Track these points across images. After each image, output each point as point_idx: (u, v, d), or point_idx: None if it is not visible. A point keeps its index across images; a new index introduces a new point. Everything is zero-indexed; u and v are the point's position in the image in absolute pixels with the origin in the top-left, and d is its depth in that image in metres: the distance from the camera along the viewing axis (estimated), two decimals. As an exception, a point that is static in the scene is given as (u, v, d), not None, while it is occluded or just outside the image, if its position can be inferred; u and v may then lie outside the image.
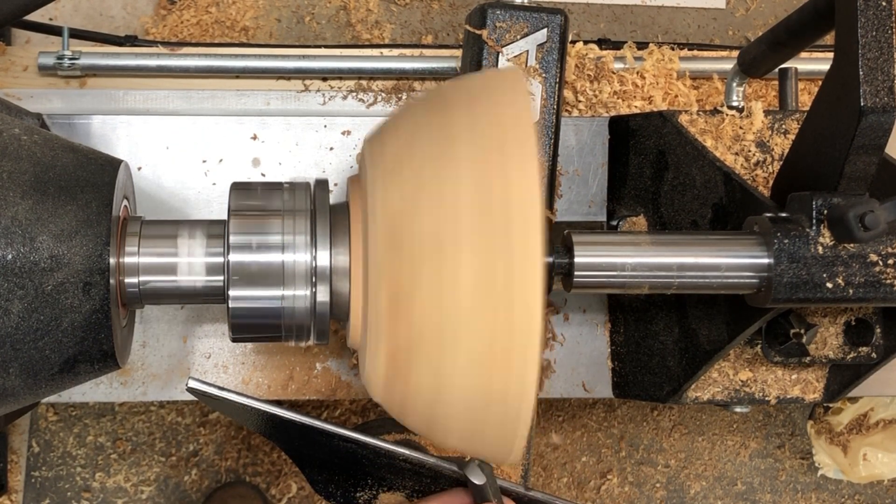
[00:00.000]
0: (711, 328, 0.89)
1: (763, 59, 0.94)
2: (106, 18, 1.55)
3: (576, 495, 1.63)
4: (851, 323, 0.90)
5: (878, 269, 0.76)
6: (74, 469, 1.55)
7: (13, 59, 1.11)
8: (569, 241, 0.80)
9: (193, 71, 1.12)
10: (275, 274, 0.72)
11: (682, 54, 1.18)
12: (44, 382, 0.72)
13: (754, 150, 0.92)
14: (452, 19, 1.64)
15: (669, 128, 0.94)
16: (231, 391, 0.72)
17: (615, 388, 1.05)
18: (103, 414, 1.56)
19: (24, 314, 0.68)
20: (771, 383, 0.96)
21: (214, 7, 1.56)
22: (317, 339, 0.76)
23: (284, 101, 1.12)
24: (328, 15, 1.61)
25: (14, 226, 0.68)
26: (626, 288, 0.81)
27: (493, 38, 0.92)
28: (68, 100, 1.10)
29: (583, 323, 1.05)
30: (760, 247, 0.77)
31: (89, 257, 0.71)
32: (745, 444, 1.69)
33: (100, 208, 0.72)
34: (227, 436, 1.58)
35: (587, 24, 1.66)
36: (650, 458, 1.67)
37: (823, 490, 1.70)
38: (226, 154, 0.99)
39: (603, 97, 1.12)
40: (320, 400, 1.52)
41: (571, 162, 1.01)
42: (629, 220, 0.99)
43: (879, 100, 0.73)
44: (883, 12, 0.73)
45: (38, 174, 0.70)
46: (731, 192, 0.86)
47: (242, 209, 0.75)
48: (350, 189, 0.75)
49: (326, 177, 0.95)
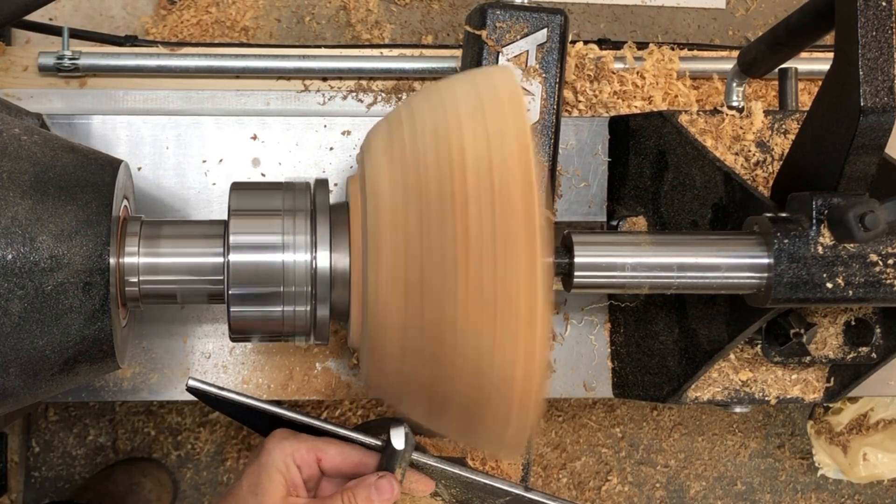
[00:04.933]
0: (711, 328, 0.89)
1: (763, 59, 0.94)
2: (106, 18, 1.55)
3: (576, 495, 1.63)
4: (851, 323, 0.90)
5: (878, 269, 0.76)
6: (74, 469, 1.55)
7: (13, 59, 1.11)
8: (569, 241, 0.80)
9: (193, 71, 1.12)
10: (275, 274, 0.72)
11: (682, 54, 1.18)
12: (44, 382, 0.72)
13: (754, 150, 0.92)
14: (452, 19, 1.64)
15: (669, 128, 0.94)
16: (231, 391, 0.72)
17: (615, 388, 1.05)
18: (103, 414, 1.56)
19: (24, 314, 0.68)
20: (771, 383, 0.96)
21: (214, 7, 1.56)
22: (316, 339, 0.76)
23: (284, 101, 1.12)
24: (328, 15, 1.61)
25: (14, 226, 0.68)
26: (626, 288, 0.81)
27: (493, 38, 0.92)
28: (68, 100, 1.10)
29: (583, 323, 1.05)
30: (760, 247, 0.77)
31: (89, 257, 0.70)
32: (745, 444, 1.69)
33: (100, 208, 0.72)
34: (227, 436, 1.58)
35: (587, 24, 1.66)
36: (650, 458, 1.67)
37: (823, 490, 1.70)
38: (226, 154, 0.99)
39: (603, 97, 1.12)
40: (320, 400, 1.51)
41: (571, 162, 1.01)
42: (629, 220, 0.99)
43: (879, 100, 0.73)
44: (883, 12, 0.73)
45: (38, 174, 0.70)
46: (731, 192, 0.86)
47: (242, 209, 0.75)
48: (350, 189, 0.75)
49: (326, 177, 0.95)
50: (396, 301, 0.67)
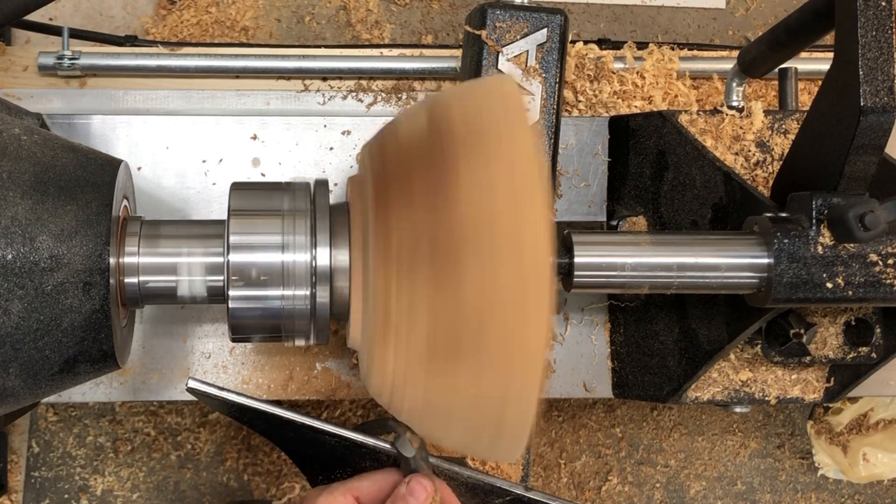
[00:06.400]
0: (711, 328, 0.89)
1: (763, 59, 0.94)
2: (106, 18, 1.55)
3: (576, 495, 1.63)
4: (851, 323, 0.90)
5: (878, 269, 0.76)
6: (74, 469, 1.55)
7: (13, 59, 1.11)
8: (569, 241, 0.80)
9: (193, 71, 1.12)
10: (275, 274, 0.72)
11: (682, 54, 1.18)
12: (44, 382, 0.72)
13: (754, 150, 0.92)
14: (452, 19, 1.64)
15: (669, 128, 0.94)
16: (231, 391, 0.72)
17: (615, 388, 1.05)
18: (103, 414, 1.56)
19: (24, 314, 0.68)
20: (771, 383, 0.96)
21: (214, 7, 1.56)
22: (317, 339, 0.76)
23: (284, 101, 1.12)
24: (328, 15, 1.61)
25: (14, 226, 0.68)
26: (626, 288, 0.81)
27: (493, 38, 0.92)
28: (68, 100, 1.10)
29: (583, 323, 1.05)
30: (760, 247, 0.77)
31: (89, 257, 0.70)
32: (745, 444, 1.69)
33: (100, 208, 0.72)
34: (227, 436, 1.58)
35: (587, 24, 1.66)
36: (650, 458, 1.67)
37: (823, 490, 1.70)
38: (226, 154, 0.99)
39: (603, 97, 1.12)
40: (320, 400, 1.51)
41: (571, 162, 1.01)
42: (629, 220, 0.99)
43: (879, 100, 0.73)
44: (883, 12, 0.73)
45: (38, 174, 0.70)
46: (731, 192, 0.86)
47: (242, 209, 0.75)
48: (350, 189, 0.75)
49: (326, 177, 0.95)
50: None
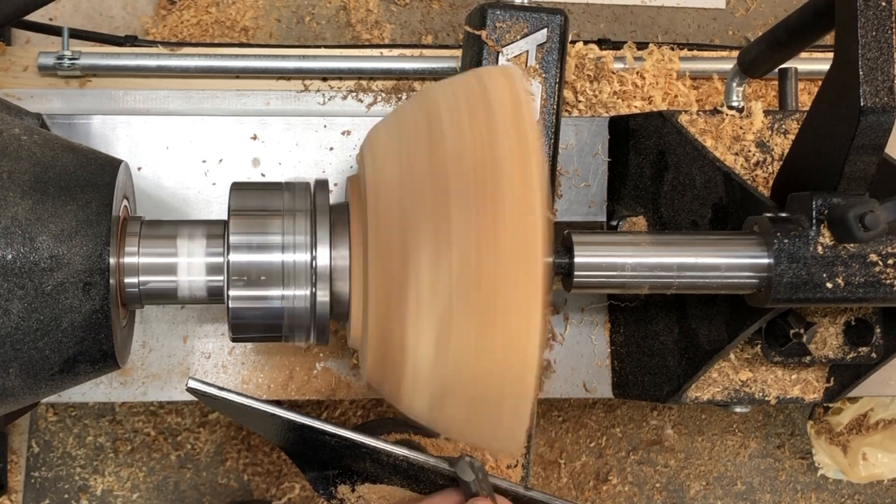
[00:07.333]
0: (711, 328, 0.89)
1: (763, 59, 0.94)
2: (106, 18, 1.55)
3: (576, 495, 1.63)
4: (851, 323, 0.90)
5: (878, 269, 0.76)
6: (74, 469, 1.55)
7: (13, 59, 1.11)
8: (569, 241, 0.80)
9: (193, 71, 1.12)
10: (275, 274, 0.72)
11: (682, 54, 1.18)
12: (44, 382, 0.72)
13: (754, 150, 0.92)
14: (452, 19, 1.64)
15: (669, 128, 0.94)
16: (231, 391, 0.72)
17: (615, 388, 1.05)
18: (103, 414, 1.56)
19: (24, 314, 0.68)
20: (771, 383, 0.96)
21: (214, 7, 1.56)
22: (317, 339, 0.76)
23: (284, 101, 1.12)
24: (328, 15, 1.61)
25: (14, 226, 0.68)
26: (626, 288, 0.81)
27: (493, 38, 0.92)
28: (68, 100, 1.10)
29: (583, 323, 1.05)
30: (760, 247, 0.77)
31: (89, 257, 0.70)
32: (745, 444, 1.69)
33: (100, 208, 0.72)
34: (227, 436, 1.58)
35: (587, 24, 1.66)
36: (650, 458, 1.67)
37: (823, 490, 1.70)
38: (226, 154, 0.99)
39: (603, 97, 1.12)
40: (320, 400, 1.51)
41: (571, 162, 1.01)
42: (629, 220, 0.99)
43: (879, 100, 0.73)
44: (883, 12, 0.73)
45: (38, 174, 0.70)
46: (731, 192, 0.86)
47: (242, 209, 0.75)
48: (350, 189, 0.75)
49: (326, 177, 0.95)
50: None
